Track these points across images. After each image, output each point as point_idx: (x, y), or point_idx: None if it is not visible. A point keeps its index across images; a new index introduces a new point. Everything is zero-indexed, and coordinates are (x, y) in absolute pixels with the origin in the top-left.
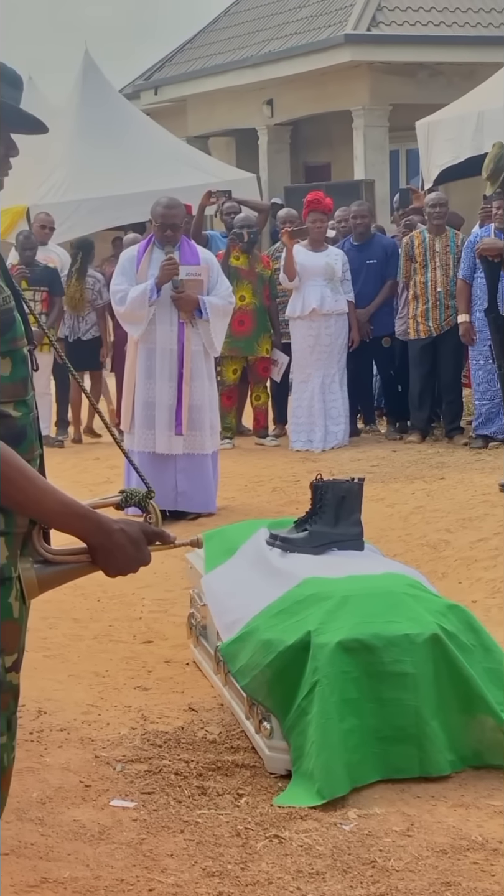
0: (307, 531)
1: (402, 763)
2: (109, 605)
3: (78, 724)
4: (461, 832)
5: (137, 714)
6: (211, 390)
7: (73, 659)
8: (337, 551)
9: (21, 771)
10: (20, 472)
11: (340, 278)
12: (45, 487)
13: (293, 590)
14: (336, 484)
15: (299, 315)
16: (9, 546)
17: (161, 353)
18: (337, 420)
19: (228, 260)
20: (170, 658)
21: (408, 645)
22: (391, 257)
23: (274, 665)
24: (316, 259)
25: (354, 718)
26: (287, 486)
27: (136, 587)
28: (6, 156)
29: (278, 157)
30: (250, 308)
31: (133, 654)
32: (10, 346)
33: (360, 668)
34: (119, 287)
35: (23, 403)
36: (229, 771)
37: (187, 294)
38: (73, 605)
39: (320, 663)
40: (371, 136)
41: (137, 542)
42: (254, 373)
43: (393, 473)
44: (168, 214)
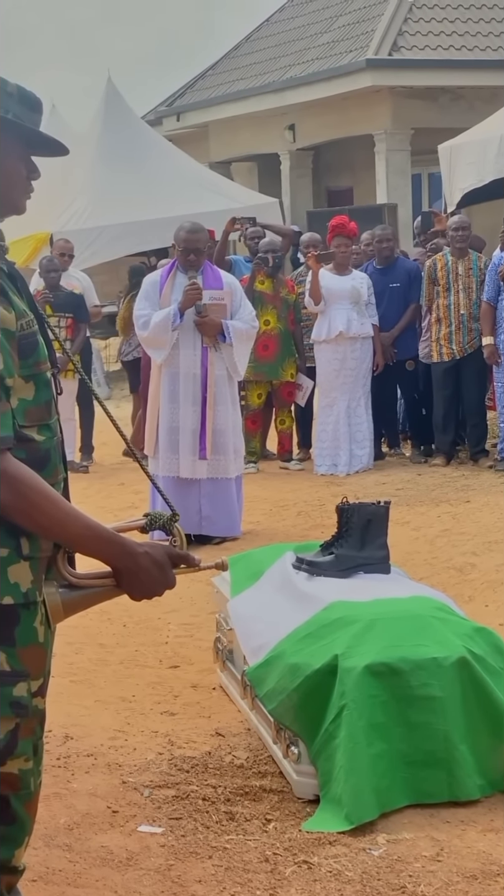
0: (333, 554)
1: (432, 787)
2: (135, 630)
3: (105, 750)
4: (491, 857)
5: (164, 739)
6: (234, 415)
7: (99, 684)
8: (363, 575)
9: (48, 797)
10: (44, 496)
11: (365, 302)
12: (70, 511)
13: (320, 613)
14: (362, 507)
15: (325, 339)
16: (33, 570)
17: (185, 377)
18: (362, 444)
19: (253, 284)
20: (196, 683)
21: (435, 668)
22: (414, 281)
23: (301, 689)
24: (342, 283)
25: (382, 743)
26: (312, 510)
27: (162, 612)
28: (28, 178)
29: (301, 181)
30: (275, 332)
31: (159, 679)
32: (33, 370)
33: (387, 692)
34: (142, 312)
35: (46, 427)
36: (257, 796)
37: (210, 318)
38: (99, 630)
39: (347, 687)
40: (393, 161)
41: (162, 565)
42: (278, 397)
43: (418, 497)
44: (191, 239)
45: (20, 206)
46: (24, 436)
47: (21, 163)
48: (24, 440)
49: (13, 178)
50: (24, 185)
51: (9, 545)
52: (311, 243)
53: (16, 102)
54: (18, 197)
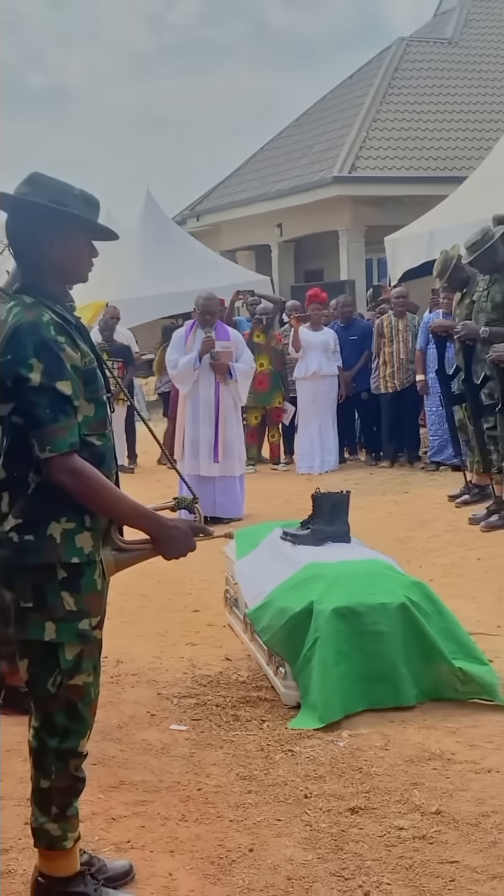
0: (310, 529)
1: (381, 696)
2: (167, 585)
3: (145, 670)
4: (424, 746)
5: (188, 663)
6: (238, 430)
7: (141, 624)
8: (331, 544)
9: (104, 704)
10: (102, 485)
11: (333, 350)
12: (121, 496)
13: (300, 571)
14: (330, 495)
15: (304, 376)
16: (94, 538)
17: (203, 403)
18: (330, 451)
19: (252, 337)
20: (212, 622)
21: (383, 611)
22: (367, 335)
23: (287, 625)
24: (316, 336)
25: (345, 664)
26: (295, 498)
27: (187, 571)
28: (90, 256)
29: (286, 265)
30: (267, 372)
31: (185, 620)
32: (94, 395)
33: (349, 627)
34: (172, 357)
35: (103, 435)
36: (255, 703)
37: (221, 361)
38: (141, 585)
39: (320, 624)
40: (352, 249)
41: (186, 534)
42: (270, 418)
43: (371, 489)
44: (207, 304)
45: (84, 276)
46: (87, 441)
47: (84, 246)
48: (87, 445)
49: (79, 257)
50: (88, 262)
51: (76, 520)
52: (293, 308)
53: (80, 202)
54: (83, 270)
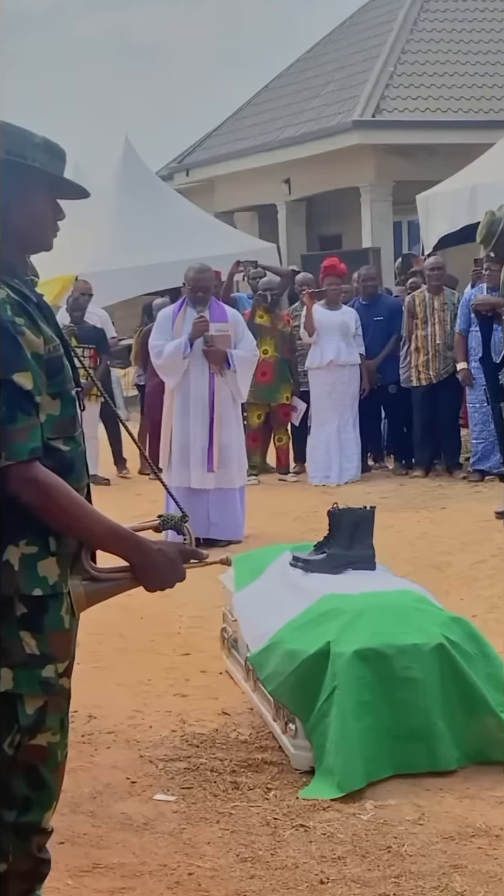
0: (325, 554)
1: (414, 759)
2: (151, 622)
3: (124, 728)
4: (467, 820)
5: (177, 718)
6: (238, 432)
7: (119, 670)
8: (352, 571)
9: (74, 769)
10: (69, 499)
11: (353, 333)
12: (92, 513)
13: (314, 605)
14: (351, 512)
15: (318, 366)
16: (60, 565)
17: (195, 399)
18: (350, 458)
19: (254, 318)
20: (205, 668)
21: (416, 653)
22: (395, 315)
23: (297, 672)
24: (332, 317)
25: (370, 719)
26: (307, 516)
27: (175, 605)
28: (54, 219)
29: (295, 228)
30: (273, 360)
31: (173, 665)
32: (59, 388)
33: (374, 673)
34: (157, 342)
35: (71, 439)
36: (259, 768)
37: (217, 348)
38: (119, 621)
39: (338, 670)
40: (377, 210)
41: (173, 560)
42: (276, 417)
43: (401, 504)
44: (199, 279)
45: (48, 243)
46: (52, 447)
47: (48, 205)
48: (52, 450)
49: (41, 219)
50: (51, 225)
51: (38, 543)
52: (305, 282)
53: (42, 152)
54: (46, 235)
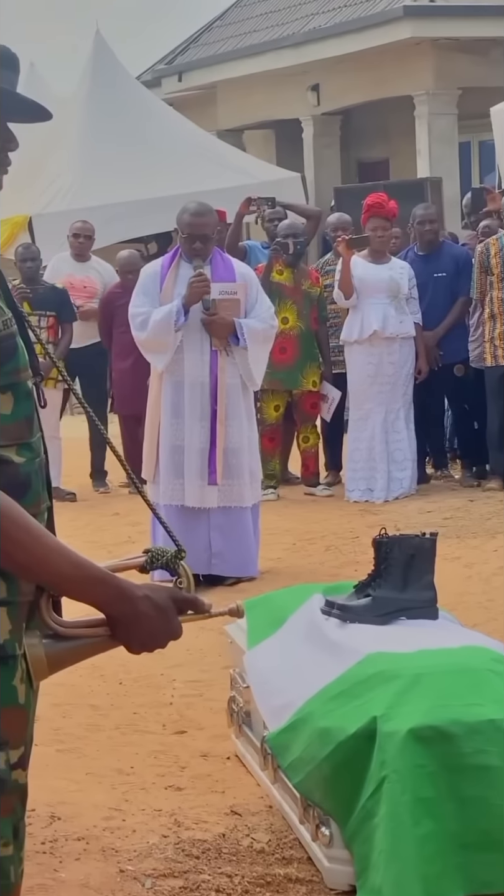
0: (370, 597)
1: (491, 875)
2: (133, 689)
3: (98, 832)
4: None
5: (170, 819)
6: (250, 431)
7: (91, 754)
8: (406, 621)
9: (32, 889)
10: (24, 528)
11: (406, 296)
12: (55, 547)
13: (354, 667)
14: (404, 540)
15: (357, 339)
16: (12, 618)
17: (190, 387)
18: (402, 464)
19: (270, 275)
20: (207, 751)
21: (493, 732)
22: (463, 270)
23: (333, 758)
24: (378, 273)
25: (431, 822)
26: (343, 543)
27: (165, 667)
28: (4, 149)
29: (326, 152)
30: (294, 333)
31: (163, 748)
32: (11, 379)
33: (436, 760)
34: (140, 309)
35: (27, 447)
36: (281, 886)
37: (221, 317)
38: (91, 688)
39: (389, 756)
40: (436, 127)
41: (165, 610)
42: (300, 410)
43: (470, 527)
44: (197, 223)
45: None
46: (1, 457)
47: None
48: (1, 462)
49: None
50: (2, 159)
51: None
52: (340, 226)
53: None
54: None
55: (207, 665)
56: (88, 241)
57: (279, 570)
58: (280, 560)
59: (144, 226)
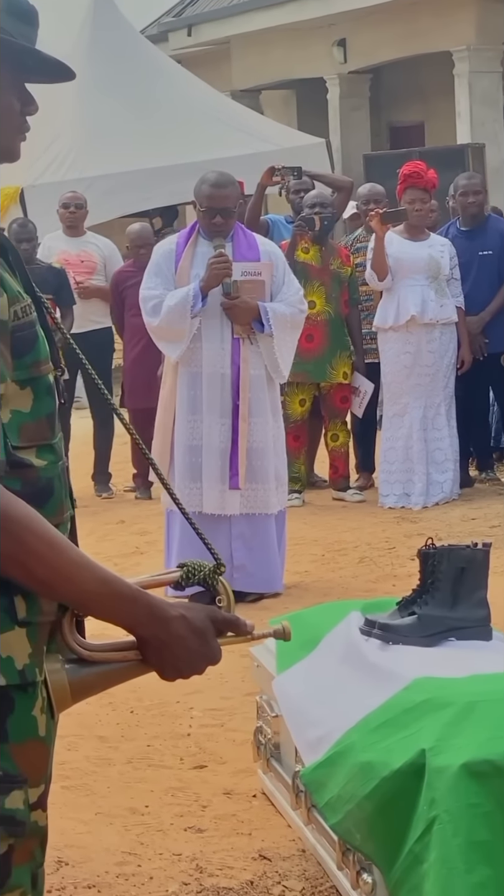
0: (415, 615)
1: None
2: (146, 719)
3: (111, 879)
4: None
5: (191, 864)
6: (276, 429)
7: (100, 791)
8: (455, 642)
9: None
10: (46, 541)
11: (447, 276)
12: (80, 561)
13: (400, 694)
14: (454, 552)
15: (392, 325)
16: (32, 640)
17: (209, 379)
18: (443, 466)
19: (295, 254)
20: (230, 789)
21: None
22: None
23: (376, 796)
24: (416, 251)
25: (487, 868)
26: (379, 555)
27: (182, 693)
28: (24, 113)
29: (354, 115)
30: (323, 318)
31: (181, 784)
32: (31, 373)
33: (492, 799)
34: (152, 292)
35: (48, 449)
36: None
37: (243, 300)
38: (99, 717)
39: (439, 793)
40: (479, 86)
41: (203, 632)
42: (329, 405)
43: None
44: (217, 195)
45: (14, 149)
46: (20, 460)
47: (13, 93)
48: (20, 466)
49: (4, 114)
50: (18, 123)
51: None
52: (373, 198)
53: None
54: (11, 138)
55: (229, 692)
56: (81, 212)
57: (307, 585)
58: (308, 574)
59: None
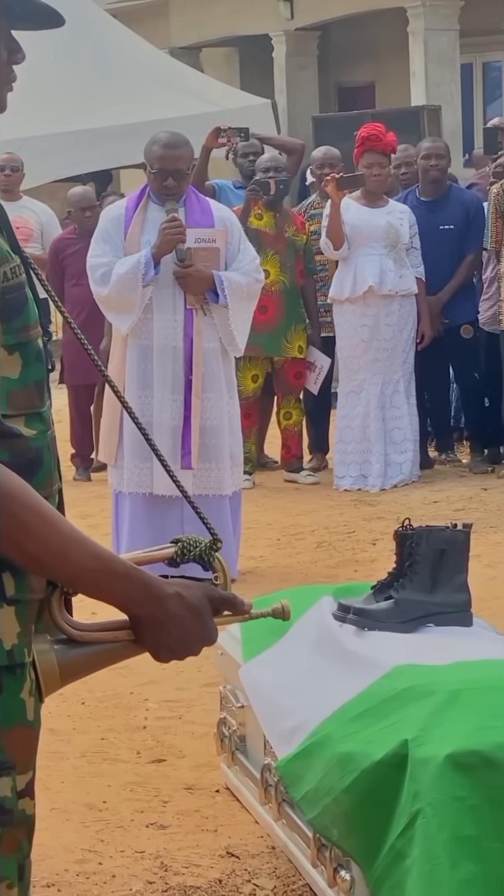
0: (392, 599)
1: None
2: (99, 711)
3: (72, 878)
4: None
5: (155, 862)
6: (231, 406)
7: (54, 786)
8: (434, 628)
9: None
10: (38, 514)
11: (406, 245)
12: (74, 536)
13: (379, 682)
14: (434, 533)
15: (349, 297)
16: (20, 619)
17: (160, 353)
18: (402, 446)
19: (248, 220)
20: (192, 783)
21: None
22: (474, 221)
23: (356, 789)
24: (374, 218)
25: (473, 864)
26: (338, 539)
27: (136, 684)
28: (10, 62)
29: (301, 75)
30: (277, 289)
31: (139, 779)
32: (19, 338)
33: (479, 792)
34: (100, 260)
35: (37, 418)
36: None
37: (197, 269)
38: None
39: (423, 786)
40: (435, 45)
41: (200, 611)
42: (282, 381)
43: (487, 520)
44: (170, 156)
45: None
46: (8, 430)
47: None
48: (9, 436)
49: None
50: (6, 72)
51: None
52: (327, 161)
53: None
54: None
55: (185, 682)
56: (17, 175)
57: (263, 571)
58: (263, 559)
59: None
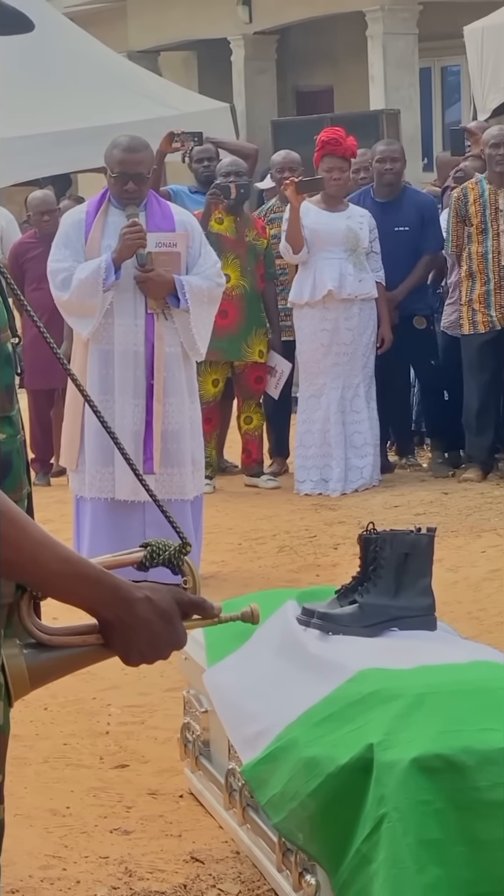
0: (357, 604)
1: None
2: (61, 716)
3: (36, 884)
4: None
5: (119, 867)
6: (192, 410)
7: (17, 792)
8: (399, 632)
9: None
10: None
11: (367, 249)
12: (43, 540)
13: (344, 686)
14: (398, 537)
15: (308, 301)
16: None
17: (122, 357)
18: (362, 450)
19: (208, 225)
20: (155, 789)
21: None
22: (429, 222)
23: (321, 794)
24: (333, 222)
25: (438, 868)
26: (299, 544)
27: (98, 689)
28: None
29: (260, 79)
30: (238, 293)
31: (102, 784)
32: None
33: (444, 796)
34: (61, 265)
35: (7, 422)
36: None
37: (158, 273)
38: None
39: (388, 790)
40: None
41: (169, 615)
42: (242, 385)
43: (449, 524)
44: (130, 160)
45: None
46: None
47: None
48: None
49: None
50: None
51: None
52: (287, 165)
53: None
54: None
55: (147, 687)
56: None
57: (225, 576)
58: (225, 563)
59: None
